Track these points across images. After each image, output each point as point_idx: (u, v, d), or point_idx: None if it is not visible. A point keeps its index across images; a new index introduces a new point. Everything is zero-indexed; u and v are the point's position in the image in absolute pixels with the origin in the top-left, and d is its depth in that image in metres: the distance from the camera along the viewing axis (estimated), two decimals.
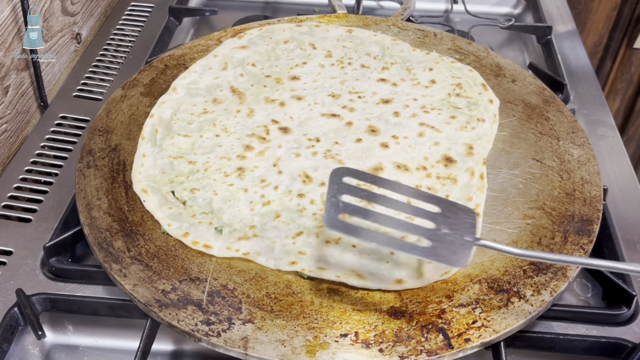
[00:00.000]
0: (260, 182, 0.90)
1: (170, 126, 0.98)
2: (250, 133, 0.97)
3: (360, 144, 0.96)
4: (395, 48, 1.15)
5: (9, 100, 1.07)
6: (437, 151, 0.95)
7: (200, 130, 0.97)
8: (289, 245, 0.81)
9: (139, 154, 0.93)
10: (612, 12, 2.00)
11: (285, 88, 1.06)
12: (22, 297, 0.79)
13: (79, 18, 1.30)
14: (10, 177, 1.00)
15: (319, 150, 0.95)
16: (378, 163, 0.92)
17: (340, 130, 0.98)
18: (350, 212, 0.73)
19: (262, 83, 1.07)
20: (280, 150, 0.95)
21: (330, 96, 1.04)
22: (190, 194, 0.88)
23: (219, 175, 0.91)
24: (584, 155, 0.96)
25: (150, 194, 0.88)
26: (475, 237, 0.73)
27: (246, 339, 0.72)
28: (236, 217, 0.85)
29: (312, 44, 1.16)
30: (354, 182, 0.79)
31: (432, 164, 0.93)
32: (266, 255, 0.81)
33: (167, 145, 0.94)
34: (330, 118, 1.00)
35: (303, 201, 0.87)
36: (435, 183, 0.90)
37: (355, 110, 1.02)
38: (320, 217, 0.85)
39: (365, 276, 0.78)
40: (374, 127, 0.99)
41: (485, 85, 1.07)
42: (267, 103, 1.03)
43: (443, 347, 0.71)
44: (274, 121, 1.00)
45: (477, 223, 0.84)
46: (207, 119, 0.99)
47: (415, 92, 1.05)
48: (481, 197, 0.88)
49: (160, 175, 0.91)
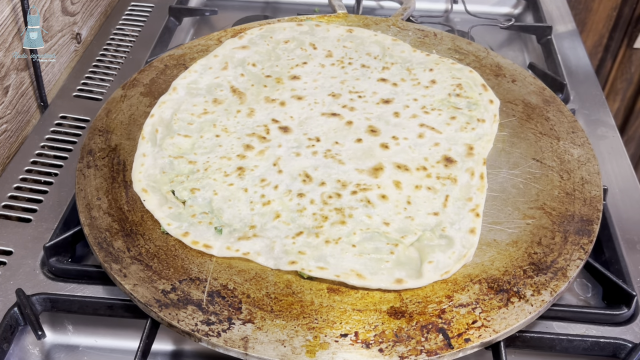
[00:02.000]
0: (260, 181, 0.90)
1: (170, 126, 0.97)
2: (250, 132, 0.97)
3: (360, 144, 0.96)
4: (395, 48, 1.15)
5: (9, 100, 1.07)
6: (437, 152, 0.95)
7: (200, 131, 0.97)
8: (288, 245, 0.81)
9: (139, 154, 0.93)
10: (612, 12, 2.00)
11: (285, 88, 1.06)
12: (22, 297, 0.79)
13: (79, 18, 1.30)
14: (10, 177, 1.00)
15: (319, 149, 0.95)
16: (378, 163, 0.92)
17: (341, 130, 0.98)
18: None
19: (263, 83, 1.07)
20: (280, 149, 0.95)
21: (330, 95, 1.04)
22: (190, 193, 0.88)
23: (219, 175, 0.90)
24: (584, 155, 0.96)
25: (150, 193, 0.88)
26: None
27: (246, 339, 0.72)
28: (236, 216, 0.85)
29: (313, 43, 1.16)
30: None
31: (432, 164, 0.93)
32: (266, 255, 0.81)
33: (167, 145, 0.94)
34: (331, 117, 1.00)
35: (303, 201, 0.87)
36: (436, 183, 0.90)
37: (355, 110, 1.02)
38: (321, 217, 0.85)
39: (365, 276, 0.78)
40: (374, 127, 0.99)
41: (485, 85, 1.07)
42: (267, 103, 1.03)
43: (443, 347, 0.71)
44: (274, 120, 0.99)
45: (477, 224, 0.84)
46: (208, 119, 0.99)
47: (415, 92, 1.05)
48: (481, 197, 0.88)
49: (161, 175, 0.91)
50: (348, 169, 0.92)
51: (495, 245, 0.83)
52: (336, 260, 0.80)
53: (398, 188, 0.89)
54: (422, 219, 0.85)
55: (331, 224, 0.84)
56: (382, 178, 0.90)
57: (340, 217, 0.84)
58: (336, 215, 0.85)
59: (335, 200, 0.87)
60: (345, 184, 0.89)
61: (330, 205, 0.86)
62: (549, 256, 0.81)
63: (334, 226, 0.83)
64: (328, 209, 0.86)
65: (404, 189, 0.89)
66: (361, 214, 0.85)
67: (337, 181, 0.90)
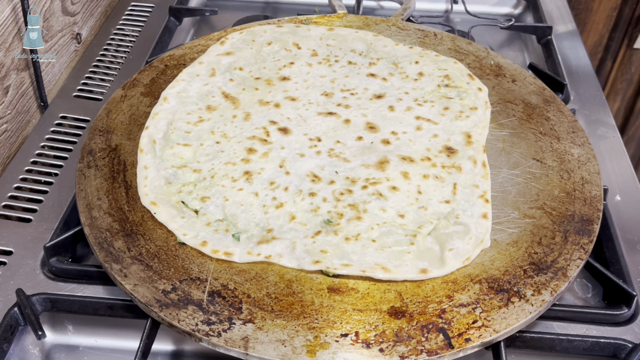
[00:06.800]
0: (270, 184, 0.89)
1: (168, 136, 0.96)
2: (250, 136, 0.97)
3: (361, 142, 0.96)
4: (378, 43, 1.16)
5: (9, 100, 1.07)
6: (437, 142, 0.96)
7: (199, 139, 0.96)
8: (309, 244, 0.82)
9: (140, 167, 0.92)
10: (613, 12, 2.00)
11: (277, 89, 1.05)
12: (22, 297, 0.79)
13: (79, 18, 1.29)
14: (10, 177, 1.00)
15: (322, 149, 0.95)
16: (383, 157, 0.93)
17: (339, 129, 0.98)
18: None
19: (254, 86, 1.06)
20: (283, 151, 0.94)
21: (323, 95, 1.05)
22: (201, 202, 0.87)
23: (226, 181, 0.90)
24: (584, 155, 0.96)
25: (160, 205, 0.87)
26: None
27: (247, 339, 0.72)
28: (251, 221, 0.85)
29: (296, 43, 1.15)
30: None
31: (435, 154, 0.94)
32: (288, 256, 0.81)
33: (167, 155, 0.93)
34: (327, 116, 1.00)
35: (315, 200, 0.87)
36: (442, 172, 0.91)
37: (350, 107, 1.02)
38: (336, 214, 0.85)
39: (390, 269, 0.79)
40: (372, 124, 0.99)
41: (471, 75, 1.08)
42: (261, 105, 1.02)
43: (443, 347, 0.71)
44: (272, 122, 0.99)
45: (488, 209, 0.86)
46: (205, 127, 0.98)
47: (405, 85, 1.07)
48: (487, 184, 0.90)
49: (167, 186, 0.89)
50: (354, 166, 0.92)
51: (496, 245, 0.83)
52: (359, 256, 0.80)
53: (407, 178, 0.90)
54: (435, 208, 0.87)
55: (348, 220, 0.84)
56: (389, 171, 0.91)
57: (356, 213, 0.85)
58: (351, 211, 0.86)
59: (348, 197, 0.88)
60: (354, 180, 0.90)
61: (343, 202, 0.87)
62: (549, 256, 0.81)
63: (351, 222, 0.84)
64: (342, 206, 0.86)
65: (413, 179, 0.90)
66: (375, 207, 0.86)
67: (346, 178, 0.90)
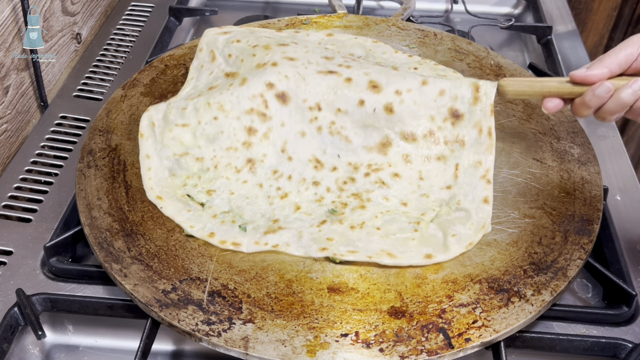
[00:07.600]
0: (273, 173, 0.90)
1: (166, 117, 0.95)
2: (248, 108, 0.93)
3: (363, 109, 0.92)
4: (377, 50, 1.13)
5: (9, 100, 1.07)
6: (443, 104, 0.90)
7: (196, 114, 0.93)
8: (315, 233, 0.83)
9: (143, 156, 0.92)
10: (613, 12, 2.00)
11: (275, 52, 1.00)
12: (22, 297, 0.79)
13: (79, 18, 1.30)
14: (10, 177, 1.00)
15: (322, 123, 0.92)
16: (384, 136, 0.91)
17: (340, 88, 0.93)
18: None
19: (251, 53, 1.01)
20: (284, 129, 0.92)
21: (324, 58, 0.99)
22: (207, 195, 0.89)
23: (230, 172, 0.91)
24: (584, 155, 0.96)
25: (166, 199, 0.88)
26: None
27: (247, 339, 0.72)
28: (257, 213, 0.87)
29: (295, 42, 1.13)
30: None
31: (439, 125, 0.90)
32: (295, 244, 0.82)
33: (168, 140, 0.93)
34: (328, 75, 0.94)
35: (319, 190, 0.89)
36: (444, 150, 0.91)
37: (352, 67, 0.96)
38: (340, 204, 0.87)
39: (396, 255, 0.81)
40: (375, 82, 0.93)
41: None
42: (259, 68, 0.97)
43: (443, 347, 0.71)
44: (270, 85, 0.93)
45: (489, 192, 0.87)
46: (201, 100, 0.95)
47: (406, 64, 1.08)
48: (490, 160, 0.89)
49: (171, 178, 0.91)
50: (356, 147, 0.92)
51: (496, 245, 0.83)
52: (364, 243, 0.82)
53: (408, 163, 0.90)
54: (436, 195, 0.88)
55: (352, 210, 0.86)
56: (390, 155, 0.91)
57: (359, 202, 0.87)
58: (355, 201, 0.87)
59: (351, 186, 0.89)
60: (356, 166, 0.91)
61: (346, 192, 0.88)
62: (549, 256, 0.81)
63: (355, 211, 0.86)
64: (345, 195, 0.88)
65: (414, 163, 0.90)
66: (378, 196, 0.88)
67: (349, 164, 0.91)
